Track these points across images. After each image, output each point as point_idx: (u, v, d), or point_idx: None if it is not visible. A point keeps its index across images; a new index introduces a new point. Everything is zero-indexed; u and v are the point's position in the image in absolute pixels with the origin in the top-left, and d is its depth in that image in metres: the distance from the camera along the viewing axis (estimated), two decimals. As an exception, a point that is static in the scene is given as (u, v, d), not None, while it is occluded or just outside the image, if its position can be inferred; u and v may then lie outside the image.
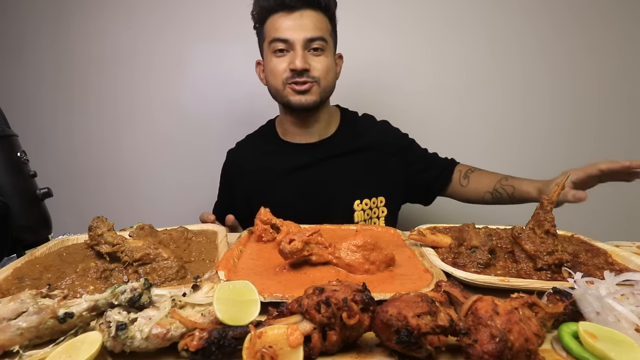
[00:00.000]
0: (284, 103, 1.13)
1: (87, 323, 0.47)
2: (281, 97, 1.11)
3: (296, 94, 1.08)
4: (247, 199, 1.18)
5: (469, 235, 0.73)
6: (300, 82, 1.07)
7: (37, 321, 0.44)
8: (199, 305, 0.46)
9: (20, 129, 0.91)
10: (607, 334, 0.44)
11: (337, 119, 1.24)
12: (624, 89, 1.64)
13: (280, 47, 1.07)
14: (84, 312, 0.46)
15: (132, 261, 0.65)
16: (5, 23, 1.65)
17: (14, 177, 0.82)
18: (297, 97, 1.08)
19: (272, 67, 1.09)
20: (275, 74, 1.08)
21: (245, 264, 0.69)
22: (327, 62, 1.09)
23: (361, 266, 0.65)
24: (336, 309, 0.42)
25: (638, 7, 1.58)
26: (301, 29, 1.05)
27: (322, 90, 1.10)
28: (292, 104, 1.09)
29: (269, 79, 1.12)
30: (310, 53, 1.07)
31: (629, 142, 1.68)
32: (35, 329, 0.44)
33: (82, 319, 0.46)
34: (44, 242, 0.80)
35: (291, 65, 1.05)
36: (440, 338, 0.41)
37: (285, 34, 1.05)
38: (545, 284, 0.60)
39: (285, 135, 1.21)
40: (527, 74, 1.63)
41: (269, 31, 1.08)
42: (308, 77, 1.07)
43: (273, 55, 1.08)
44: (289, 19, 1.05)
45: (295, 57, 1.05)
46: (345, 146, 1.19)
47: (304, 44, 1.05)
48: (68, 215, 1.45)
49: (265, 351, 0.40)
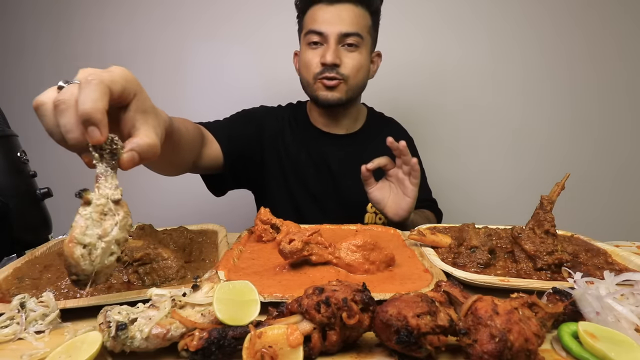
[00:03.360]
0: (312, 97, 1.12)
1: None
2: (311, 91, 1.10)
3: (324, 89, 1.07)
4: (258, 159, 1.14)
5: (468, 235, 0.73)
6: (330, 77, 1.05)
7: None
8: (199, 305, 0.46)
9: (20, 129, 0.91)
10: (606, 334, 0.44)
11: (364, 116, 1.25)
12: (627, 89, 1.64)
13: (314, 40, 1.06)
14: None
15: (132, 261, 0.65)
16: (5, 23, 1.65)
17: (14, 177, 0.82)
18: (325, 92, 1.07)
19: (305, 60, 1.08)
20: (308, 66, 1.08)
21: (245, 264, 0.69)
22: (359, 60, 1.07)
23: (361, 266, 0.65)
24: (336, 309, 0.42)
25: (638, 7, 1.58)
26: (337, 23, 1.03)
27: (349, 89, 1.08)
28: (319, 98, 1.08)
29: (302, 70, 1.11)
30: (344, 48, 1.06)
31: (630, 142, 1.68)
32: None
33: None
34: (44, 242, 0.80)
35: (322, 59, 1.04)
36: (440, 338, 0.41)
37: (321, 26, 1.04)
38: (545, 284, 0.60)
39: (315, 122, 1.21)
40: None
41: (307, 22, 1.08)
42: (337, 74, 1.05)
43: (307, 48, 1.08)
44: (327, 11, 1.04)
45: (327, 51, 1.03)
46: (372, 145, 1.19)
47: (338, 38, 1.04)
48: (68, 215, 1.45)
49: (265, 351, 0.40)
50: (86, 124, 0.40)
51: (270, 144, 1.15)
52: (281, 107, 1.25)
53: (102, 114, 0.40)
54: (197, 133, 0.87)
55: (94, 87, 0.40)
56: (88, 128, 0.40)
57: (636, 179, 1.69)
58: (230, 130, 1.08)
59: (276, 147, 1.16)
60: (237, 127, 1.11)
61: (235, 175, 1.09)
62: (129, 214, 0.44)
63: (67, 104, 0.41)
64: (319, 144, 1.17)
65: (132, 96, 0.46)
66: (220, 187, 1.13)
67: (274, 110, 1.23)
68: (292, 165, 1.15)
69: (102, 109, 0.40)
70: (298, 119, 1.21)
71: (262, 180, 1.17)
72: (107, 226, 0.42)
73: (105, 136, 0.41)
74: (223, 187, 1.14)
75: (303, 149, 1.17)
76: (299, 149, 1.17)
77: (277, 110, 1.23)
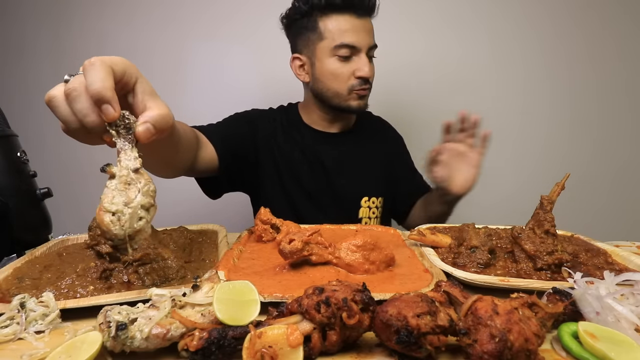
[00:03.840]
0: (341, 107, 1.12)
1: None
2: (341, 100, 1.11)
3: (358, 99, 1.11)
4: (253, 159, 1.15)
5: (468, 235, 0.73)
6: (365, 88, 1.10)
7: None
8: (199, 305, 0.46)
9: (20, 129, 0.91)
10: (606, 334, 0.44)
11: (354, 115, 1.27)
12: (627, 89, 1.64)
13: (346, 54, 1.06)
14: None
15: (132, 261, 0.65)
16: (5, 23, 1.65)
17: (14, 177, 0.82)
18: (358, 102, 1.11)
19: (334, 71, 1.08)
20: (340, 78, 1.08)
21: (245, 264, 0.69)
22: (374, 67, 1.13)
23: (361, 266, 0.65)
24: (336, 309, 0.42)
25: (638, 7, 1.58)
26: (366, 36, 1.07)
27: (369, 95, 1.14)
28: (353, 108, 1.11)
29: (329, 81, 1.10)
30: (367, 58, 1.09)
31: (630, 142, 1.68)
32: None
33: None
34: (44, 242, 0.80)
35: (361, 72, 1.06)
36: (440, 338, 0.42)
37: (354, 39, 1.05)
38: (545, 284, 0.60)
39: (309, 122, 1.22)
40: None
41: (334, 32, 1.05)
42: (367, 83, 1.10)
43: (336, 59, 1.07)
44: (357, 24, 1.05)
45: (364, 65, 1.06)
46: (364, 143, 1.23)
47: (367, 50, 1.08)
48: (68, 215, 1.45)
49: (265, 351, 0.40)
50: (99, 103, 0.44)
51: (264, 144, 1.16)
52: (272, 110, 1.27)
53: (111, 91, 0.44)
54: (193, 135, 0.88)
55: (98, 67, 0.44)
56: (102, 107, 0.44)
57: (636, 179, 1.69)
58: (225, 131, 1.08)
59: (270, 147, 1.17)
60: (231, 128, 1.12)
61: (230, 177, 1.09)
62: (150, 181, 0.49)
63: (78, 91, 0.44)
64: (312, 143, 1.19)
65: (135, 79, 0.49)
66: (216, 190, 1.14)
67: (265, 112, 1.24)
68: (286, 164, 1.17)
69: (110, 86, 0.44)
70: (290, 119, 1.22)
71: (257, 180, 1.18)
72: (130, 194, 0.47)
73: (118, 112, 0.45)
74: (218, 190, 1.14)
75: (296, 148, 1.18)
76: (292, 147, 1.18)
77: (269, 113, 1.25)
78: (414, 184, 1.30)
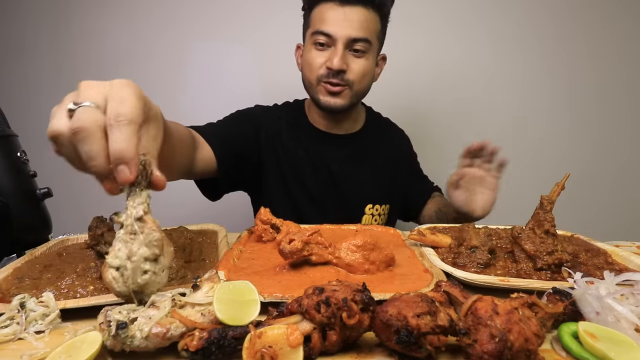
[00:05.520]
0: (313, 98, 1.09)
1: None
2: (312, 92, 1.08)
3: (327, 94, 1.04)
4: (256, 159, 1.12)
5: (468, 235, 0.73)
6: (334, 82, 1.02)
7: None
8: (199, 305, 0.46)
9: (20, 129, 0.91)
10: (606, 334, 0.44)
11: (363, 116, 1.23)
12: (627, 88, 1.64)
13: (321, 41, 1.01)
14: None
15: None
16: (5, 23, 1.65)
17: (14, 177, 0.82)
18: (327, 98, 1.04)
19: (309, 59, 1.04)
20: (312, 67, 1.04)
21: (245, 264, 0.69)
22: (366, 66, 1.03)
23: (361, 266, 0.65)
24: (336, 309, 0.42)
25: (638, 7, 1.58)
26: (347, 26, 0.98)
27: (353, 94, 1.06)
28: (321, 103, 1.06)
29: (305, 70, 1.08)
30: (351, 53, 1.02)
31: (629, 142, 1.68)
32: None
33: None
34: (44, 242, 0.80)
35: (328, 63, 1.00)
36: (440, 338, 0.41)
37: (330, 28, 0.99)
38: (545, 284, 0.60)
39: (314, 122, 1.18)
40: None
41: (315, 20, 1.03)
42: (342, 80, 1.02)
43: (313, 47, 1.03)
44: (337, 12, 0.99)
45: (334, 56, 0.99)
46: (371, 146, 1.19)
47: (346, 42, 0.99)
48: (68, 215, 1.45)
49: (265, 351, 0.40)
50: (116, 163, 0.40)
51: (267, 143, 1.12)
52: (277, 106, 1.22)
53: (133, 152, 0.40)
54: (190, 136, 0.85)
55: (125, 124, 0.40)
56: (118, 167, 0.40)
57: (636, 178, 1.69)
58: (226, 132, 1.04)
59: (274, 147, 1.13)
60: (234, 128, 1.08)
61: (230, 178, 1.05)
62: (154, 228, 0.43)
63: (88, 132, 0.39)
64: (318, 144, 1.15)
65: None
66: (215, 192, 1.10)
67: (270, 109, 1.20)
68: (291, 165, 1.13)
69: (134, 146, 0.40)
70: (296, 118, 1.18)
71: (260, 180, 1.15)
72: (133, 246, 0.42)
73: (135, 175, 0.41)
74: (218, 191, 1.10)
75: (301, 148, 1.14)
76: (297, 148, 1.14)
77: (274, 110, 1.20)
78: (425, 186, 1.29)
